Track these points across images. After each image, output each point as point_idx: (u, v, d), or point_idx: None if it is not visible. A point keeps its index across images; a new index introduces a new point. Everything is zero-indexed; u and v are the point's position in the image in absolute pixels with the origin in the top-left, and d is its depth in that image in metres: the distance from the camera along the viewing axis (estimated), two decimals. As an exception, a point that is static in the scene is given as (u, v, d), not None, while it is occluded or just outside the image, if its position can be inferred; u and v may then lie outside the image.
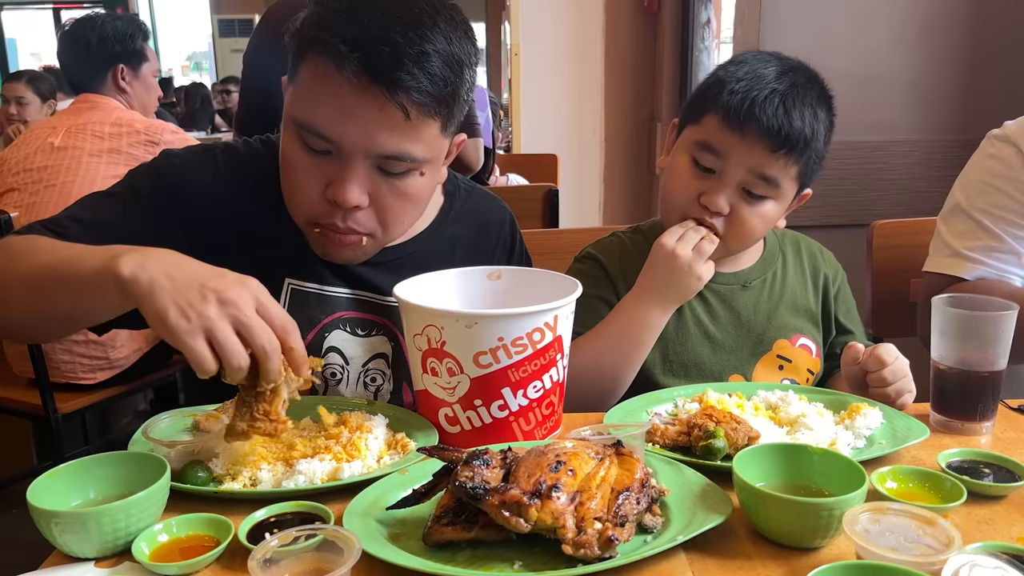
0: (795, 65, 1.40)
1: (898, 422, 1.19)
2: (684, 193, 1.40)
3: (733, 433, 1.10)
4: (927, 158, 2.88)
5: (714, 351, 1.48)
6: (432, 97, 1.11)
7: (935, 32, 2.83)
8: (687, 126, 1.44)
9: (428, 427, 1.16)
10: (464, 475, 0.89)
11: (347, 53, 1.08)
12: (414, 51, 1.09)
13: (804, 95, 1.35)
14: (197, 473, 1.03)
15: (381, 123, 1.11)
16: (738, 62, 1.40)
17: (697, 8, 4.81)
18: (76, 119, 2.73)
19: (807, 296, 1.56)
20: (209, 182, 1.28)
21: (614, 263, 1.52)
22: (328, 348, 1.33)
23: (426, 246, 1.39)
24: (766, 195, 1.38)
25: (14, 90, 4.65)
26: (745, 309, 1.50)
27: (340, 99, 1.10)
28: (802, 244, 1.61)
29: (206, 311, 0.91)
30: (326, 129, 1.13)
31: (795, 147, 1.34)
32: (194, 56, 15.34)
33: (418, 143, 1.15)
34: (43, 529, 0.89)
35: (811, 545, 0.91)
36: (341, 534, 0.82)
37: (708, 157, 1.37)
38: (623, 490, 0.91)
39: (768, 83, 1.34)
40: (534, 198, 2.72)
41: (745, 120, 1.33)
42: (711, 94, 1.38)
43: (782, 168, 1.35)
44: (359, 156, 1.14)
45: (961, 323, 1.20)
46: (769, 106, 1.32)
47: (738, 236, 1.40)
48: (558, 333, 1.14)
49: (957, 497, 0.97)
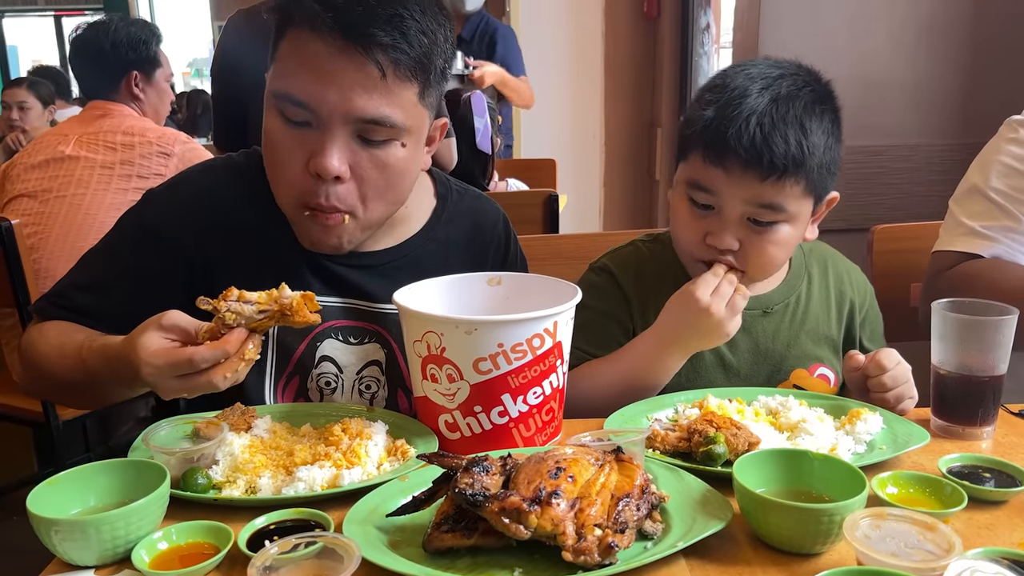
0: (780, 73, 1.30)
1: (898, 427, 1.19)
2: (689, 236, 1.34)
3: (733, 439, 1.09)
4: (927, 162, 2.88)
5: (728, 379, 1.42)
6: (408, 57, 1.14)
7: (935, 36, 2.83)
8: (680, 163, 1.37)
9: (428, 434, 1.16)
10: (464, 482, 0.89)
11: (321, 13, 1.11)
12: (387, 12, 1.12)
13: (785, 110, 1.25)
14: (197, 480, 1.03)
15: (357, 83, 1.13)
16: (713, 87, 1.31)
17: (696, 13, 4.82)
18: (87, 127, 2.69)
19: (830, 323, 1.48)
20: (191, 211, 1.31)
21: (629, 278, 1.46)
22: (321, 357, 1.32)
23: (418, 249, 1.39)
24: (775, 220, 1.29)
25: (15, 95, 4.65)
26: (764, 336, 1.43)
27: (316, 62, 1.13)
28: (829, 263, 1.53)
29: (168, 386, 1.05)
30: (303, 94, 1.14)
31: (785, 171, 1.25)
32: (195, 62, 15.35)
33: (396, 108, 1.16)
34: (43, 537, 0.89)
35: (811, 551, 0.91)
36: (341, 541, 0.82)
37: (701, 195, 1.31)
38: (623, 496, 0.91)
39: (743, 107, 1.25)
40: (534, 203, 2.72)
41: (722, 154, 1.25)
42: (690, 130, 1.32)
43: (780, 191, 1.26)
44: (338, 122, 1.15)
45: (961, 328, 1.20)
46: (744, 135, 1.23)
47: (758, 267, 1.34)
48: (558, 339, 1.14)
49: (958, 502, 0.97)
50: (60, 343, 1.23)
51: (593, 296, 1.41)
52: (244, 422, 1.15)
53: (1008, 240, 1.60)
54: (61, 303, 1.30)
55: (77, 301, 1.29)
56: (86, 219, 2.55)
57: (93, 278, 1.31)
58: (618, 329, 1.43)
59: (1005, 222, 1.61)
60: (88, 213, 2.56)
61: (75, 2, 12.63)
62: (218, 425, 1.11)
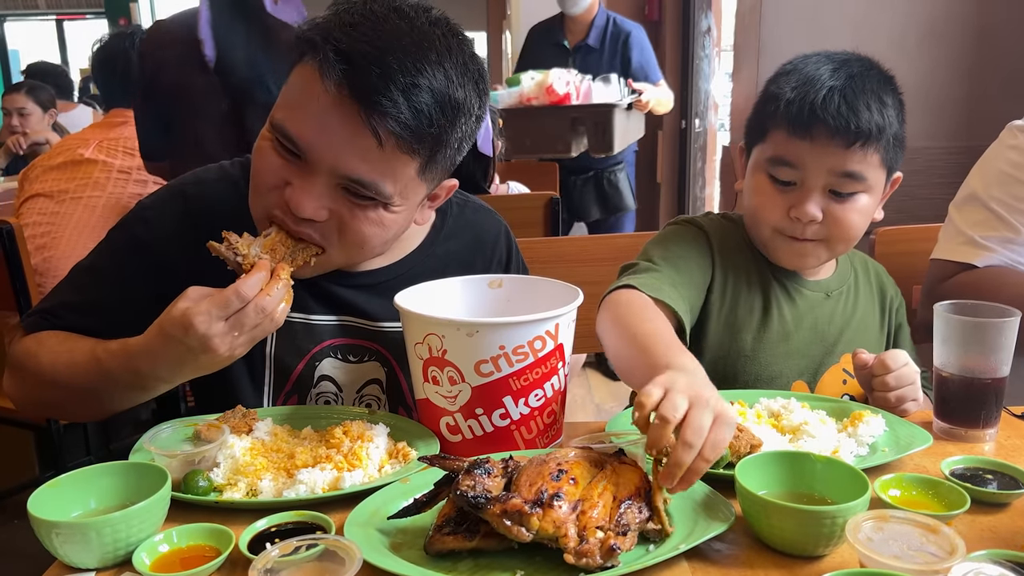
0: (846, 58, 1.38)
1: (901, 430, 1.19)
2: (773, 211, 1.38)
3: (735, 441, 1.09)
4: (929, 165, 2.88)
5: (787, 351, 1.45)
6: (411, 131, 1.06)
7: (936, 39, 2.83)
8: (754, 146, 1.43)
9: (429, 436, 1.16)
10: (465, 484, 0.89)
11: (334, 61, 1.04)
12: (404, 81, 1.04)
13: (862, 84, 1.33)
14: (198, 483, 1.02)
15: (352, 145, 1.07)
16: (787, 72, 1.39)
17: (698, 16, 4.83)
18: (108, 133, 2.77)
19: (875, 315, 1.55)
20: (183, 227, 1.26)
21: (717, 235, 1.47)
22: (320, 377, 1.30)
23: (416, 266, 1.35)
24: (855, 190, 1.35)
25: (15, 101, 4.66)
26: (823, 318, 1.48)
27: (316, 107, 1.06)
28: (869, 265, 1.60)
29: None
30: (298, 136, 1.09)
31: (869, 137, 1.32)
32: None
33: (389, 178, 1.10)
34: (44, 540, 0.89)
35: (814, 553, 0.91)
36: (342, 544, 0.82)
37: (784, 171, 1.36)
38: (625, 499, 0.91)
39: (823, 83, 1.33)
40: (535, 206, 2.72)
41: (810, 124, 1.32)
42: (769, 109, 1.37)
43: (862, 160, 1.33)
44: (324, 171, 1.10)
45: (963, 330, 1.20)
46: (831, 104, 1.31)
47: (841, 237, 1.38)
48: (559, 341, 1.13)
49: (960, 505, 0.97)
50: (68, 348, 1.21)
51: (677, 241, 1.45)
52: (245, 425, 1.15)
53: (1006, 251, 1.60)
54: (53, 321, 1.27)
55: (69, 321, 1.26)
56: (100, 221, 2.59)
57: (84, 297, 1.27)
58: (699, 274, 1.42)
59: (1004, 232, 1.61)
60: (103, 216, 2.60)
61: (76, 6, 12.65)
62: (219, 428, 1.11)
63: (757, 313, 1.44)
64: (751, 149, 1.45)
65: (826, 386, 1.48)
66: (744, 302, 1.44)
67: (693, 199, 5.11)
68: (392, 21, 1.07)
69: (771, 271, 1.47)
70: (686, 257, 1.42)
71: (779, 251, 1.43)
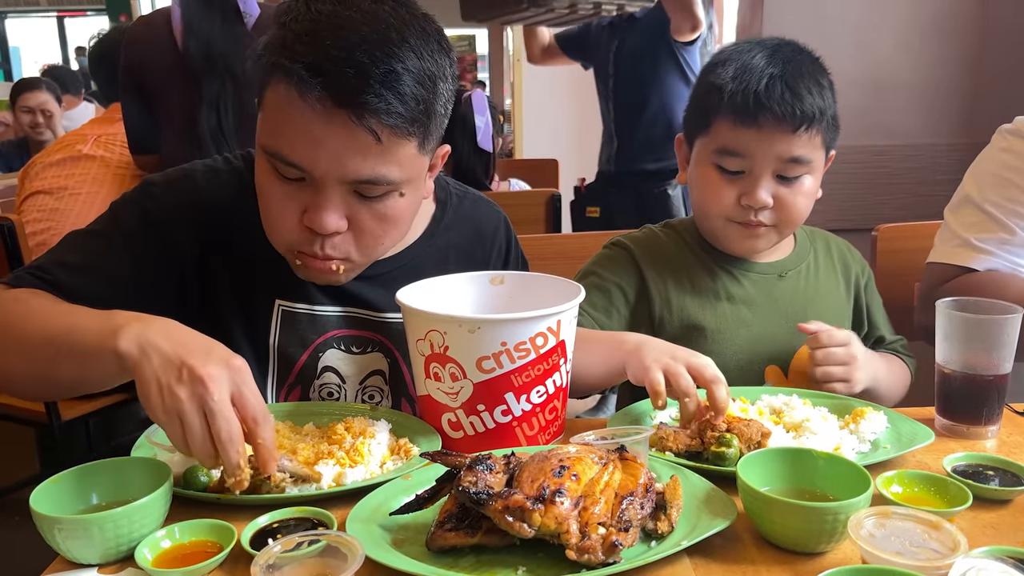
0: (776, 43, 1.42)
1: (903, 426, 1.19)
2: (722, 201, 1.41)
3: (747, 429, 1.10)
4: (931, 162, 2.88)
5: (750, 335, 1.47)
6: (403, 118, 1.06)
7: (939, 37, 2.83)
8: (697, 137, 1.45)
9: (431, 432, 1.16)
10: (467, 480, 0.89)
11: (309, 79, 1.02)
12: (380, 71, 1.03)
13: (799, 68, 1.37)
14: (199, 478, 1.02)
15: (351, 148, 1.06)
16: (721, 62, 1.40)
17: (699, 13, 4.81)
18: (108, 128, 2.77)
19: (839, 292, 1.57)
20: (191, 209, 1.25)
21: (643, 250, 1.52)
22: (323, 368, 1.31)
23: (419, 256, 1.36)
24: (801, 173, 1.39)
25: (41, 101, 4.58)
26: (782, 299, 1.50)
27: (306, 126, 1.05)
28: (831, 242, 1.62)
29: (179, 392, 0.90)
30: (295, 157, 1.08)
31: (813, 121, 1.35)
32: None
33: (393, 165, 1.10)
34: (46, 535, 0.89)
35: (816, 550, 0.91)
36: (344, 540, 0.82)
37: (732, 160, 1.39)
38: (627, 495, 0.91)
39: (763, 71, 1.35)
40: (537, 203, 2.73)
41: (756, 113, 1.34)
42: (712, 101, 1.39)
43: (807, 144, 1.37)
44: (332, 182, 1.10)
45: (966, 327, 1.20)
46: (775, 92, 1.34)
47: (789, 219, 1.42)
48: (561, 338, 1.13)
49: (962, 501, 0.97)
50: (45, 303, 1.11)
51: (603, 265, 1.52)
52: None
53: (1003, 252, 1.60)
54: (42, 276, 1.17)
55: (60, 279, 1.17)
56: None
57: (81, 260, 1.20)
58: (620, 298, 1.49)
59: (1000, 234, 1.61)
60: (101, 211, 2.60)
61: (77, 2, 12.65)
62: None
63: (709, 307, 1.47)
64: (692, 141, 1.47)
65: (798, 367, 1.48)
66: (692, 300, 1.48)
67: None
68: (343, 15, 1.06)
69: (715, 262, 1.50)
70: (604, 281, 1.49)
71: (731, 239, 1.46)
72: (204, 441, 0.90)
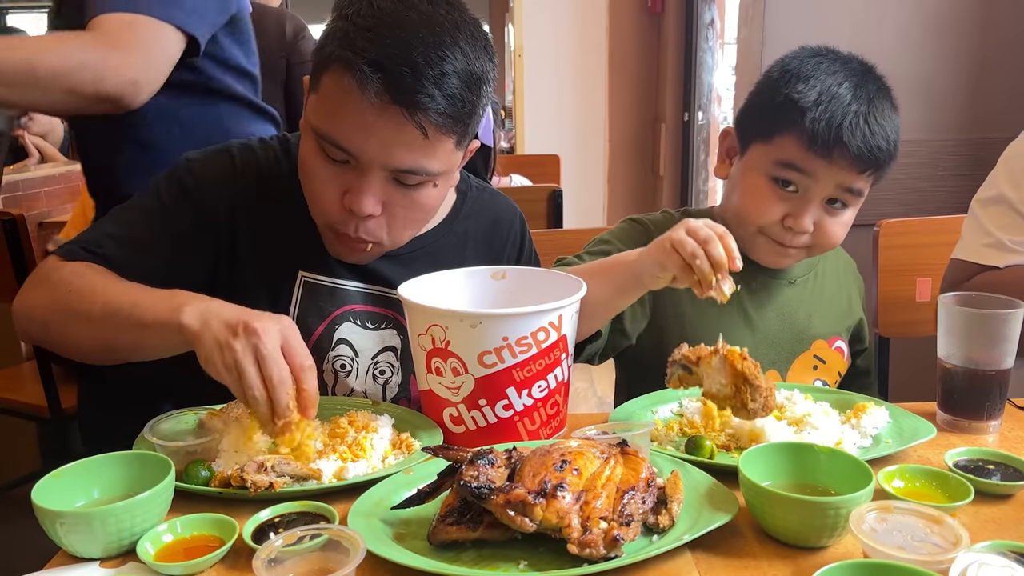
0: (862, 73, 1.37)
1: (904, 421, 1.19)
2: (765, 216, 1.39)
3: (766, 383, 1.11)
4: (933, 158, 2.87)
5: (754, 338, 1.47)
6: (449, 117, 1.13)
7: (941, 32, 2.82)
8: (755, 143, 1.41)
9: (433, 427, 1.16)
10: (469, 475, 0.89)
11: (370, 74, 1.10)
12: (434, 72, 1.11)
13: (882, 108, 1.35)
14: (200, 473, 1.03)
15: (399, 141, 1.14)
16: (802, 78, 1.35)
17: (701, 9, 4.82)
18: None
19: (842, 299, 1.57)
20: (227, 182, 1.31)
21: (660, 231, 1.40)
22: (338, 340, 1.34)
23: (439, 241, 1.41)
24: (848, 203, 1.39)
25: None
26: (788, 305, 1.50)
27: (361, 115, 1.12)
28: (840, 254, 1.61)
29: (235, 345, 1.00)
30: (346, 142, 1.15)
31: (885, 164, 1.36)
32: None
33: (434, 159, 1.17)
34: (48, 529, 0.89)
35: (818, 544, 0.91)
36: (346, 534, 0.82)
37: (794, 175, 1.36)
38: (628, 489, 0.91)
39: (847, 104, 1.32)
40: (538, 198, 2.72)
41: (833, 146, 1.31)
42: (785, 115, 1.34)
43: (867, 180, 1.37)
44: (376, 169, 1.17)
45: (967, 321, 1.20)
46: (857, 131, 1.31)
47: (823, 245, 1.42)
48: (562, 333, 1.13)
49: (964, 496, 0.97)
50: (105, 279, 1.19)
51: (618, 236, 1.50)
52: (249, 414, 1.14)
53: None
54: (93, 250, 1.25)
55: (110, 252, 1.24)
56: None
57: (129, 232, 1.28)
58: None
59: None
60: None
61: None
62: (222, 417, 1.11)
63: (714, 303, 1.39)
64: (747, 143, 1.42)
65: (797, 373, 1.49)
66: None
67: (695, 192, 5.11)
68: (402, 14, 1.13)
69: None
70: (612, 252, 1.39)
71: (760, 250, 1.43)
72: (259, 386, 0.99)
